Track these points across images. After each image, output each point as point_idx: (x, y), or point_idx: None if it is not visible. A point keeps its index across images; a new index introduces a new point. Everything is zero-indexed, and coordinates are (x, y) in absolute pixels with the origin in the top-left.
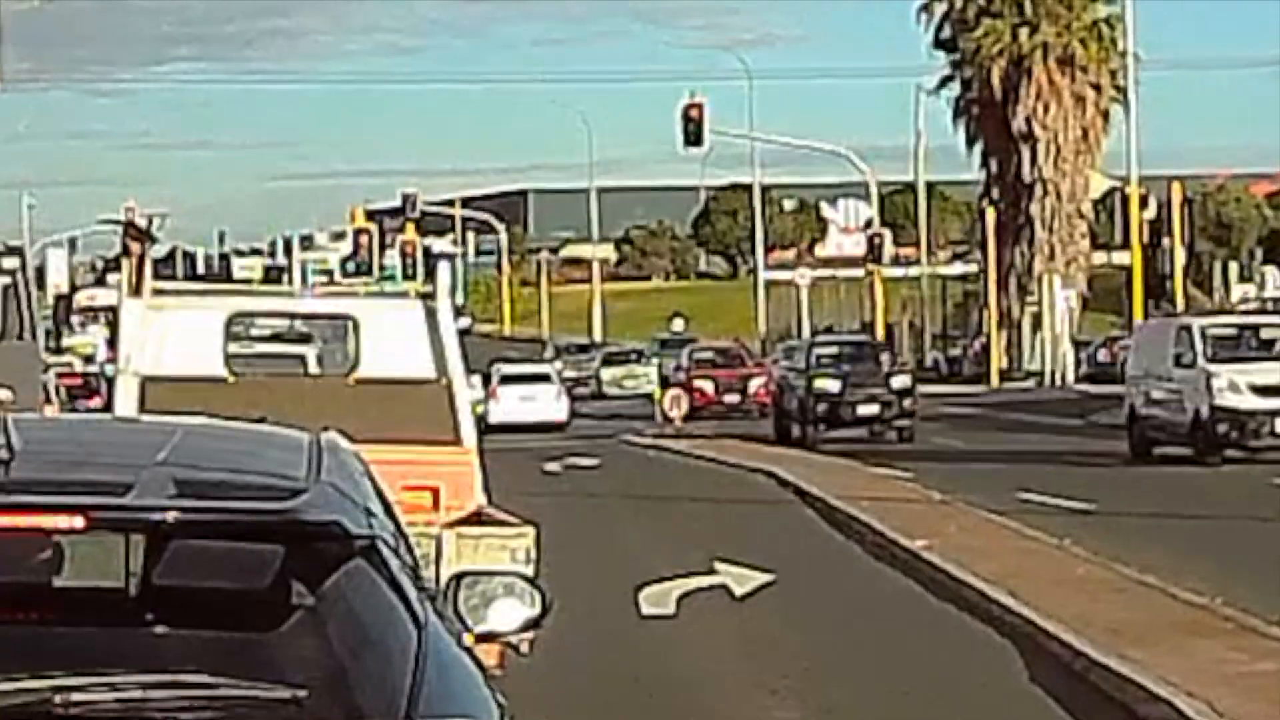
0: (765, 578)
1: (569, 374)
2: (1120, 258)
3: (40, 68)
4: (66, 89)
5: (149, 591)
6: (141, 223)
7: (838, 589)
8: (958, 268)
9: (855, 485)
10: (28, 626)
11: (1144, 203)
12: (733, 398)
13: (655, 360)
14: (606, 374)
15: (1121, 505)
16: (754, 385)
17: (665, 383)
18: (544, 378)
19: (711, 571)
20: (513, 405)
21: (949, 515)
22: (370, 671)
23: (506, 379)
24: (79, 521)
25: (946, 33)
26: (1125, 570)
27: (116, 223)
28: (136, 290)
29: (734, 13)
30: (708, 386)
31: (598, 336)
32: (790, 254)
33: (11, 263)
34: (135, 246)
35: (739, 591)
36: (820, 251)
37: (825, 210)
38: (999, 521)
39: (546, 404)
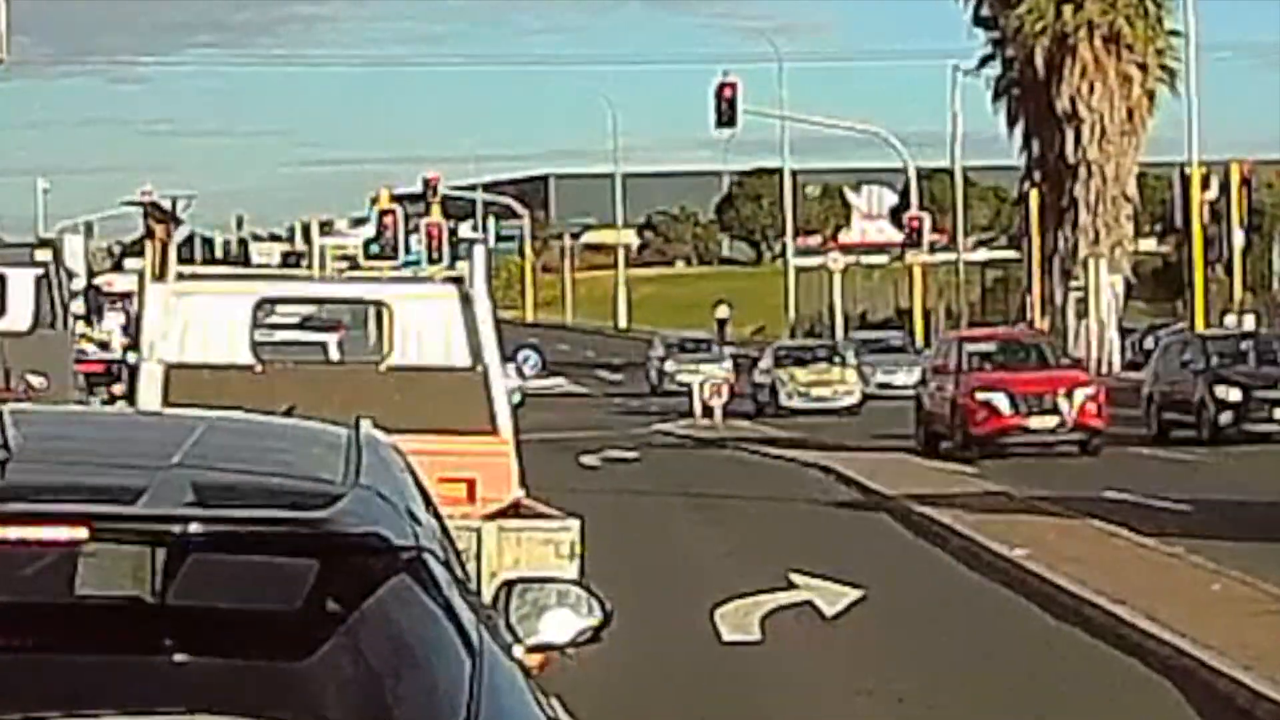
0: (854, 594)
1: (683, 377)
2: (1148, 244)
3: (60, 53)
4: (86, 75)
5: (163, 613)
6: (166, 204)
7: (940, 607)
8: (983, 254)
9: (921, 482)
10: (25, 654)
11: (1205, 183)
12: (1044, 420)
13: (854, 358)
14: (784, 376)
15: (1218, 505)
16: (1075, 400)
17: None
18: None
19: (791, 586)
20: None
21: (1039, 518)
22: (417, 702)
23: None
24: (81, 533)
25: (986, 10)
26: (1266, 586)
27: (140, 204)
28: (160, 275)
29: (752, 0)
30: (1001, 402)
31: (622, 322)
32: (815, 239)
33: (44, 255)
34: (159, 229)
35: (829, 611)
36: (843, 237)
37: (849, 196)
38: (1097, 525)
39: None
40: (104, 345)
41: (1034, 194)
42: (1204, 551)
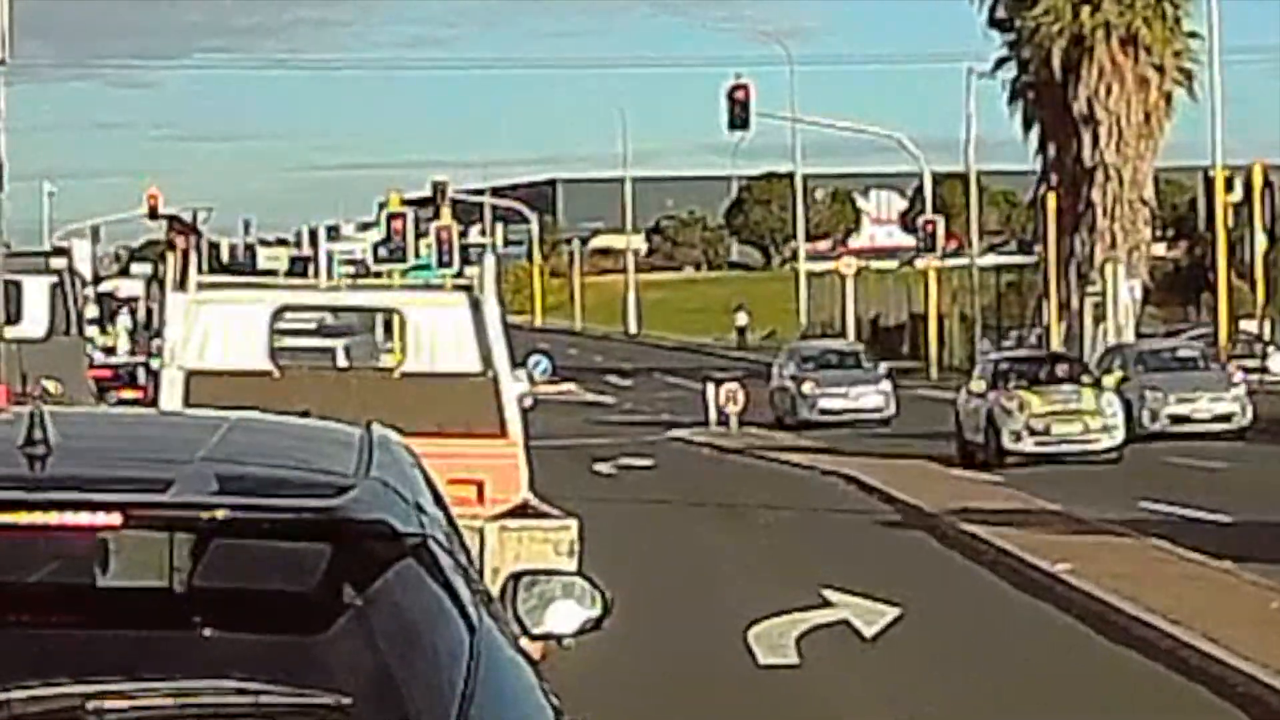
0: (892, 612)
1: (830, 404)
2: (1159, 248)
3: (66, 58)
4: (92, 80)
5: (189, 593)
6: (186, 217)
7: (986, 627)
8: (992, 259)
9: (948, 492)
10: (61, 630)
11: (1228, 186)
12: None
13: (1112, 379)
14: (1010, 404)
15: (1260, 515)
16: None
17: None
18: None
19: (825, 604)
20: None
21: (1077, 530)
22: (420, 676)
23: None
24: (115, 519)
25: (1002, 12)
26: None
27: (163, 217)
28: (181, 284)
29: (755, 4)
30: None
31: (632, 328)
32: (825, 244)
33: (59, 262)
34: (180, 241)
35: (868, 631)
36: (853, 242)
37: (859, 201)
38: (1140, 539)
39: None
40: (109, 350)
41: (1050, 198)
42: None
